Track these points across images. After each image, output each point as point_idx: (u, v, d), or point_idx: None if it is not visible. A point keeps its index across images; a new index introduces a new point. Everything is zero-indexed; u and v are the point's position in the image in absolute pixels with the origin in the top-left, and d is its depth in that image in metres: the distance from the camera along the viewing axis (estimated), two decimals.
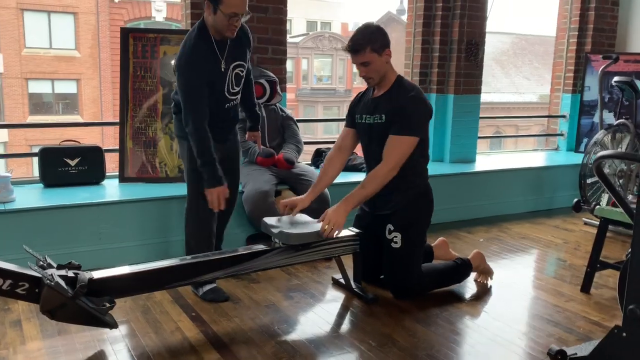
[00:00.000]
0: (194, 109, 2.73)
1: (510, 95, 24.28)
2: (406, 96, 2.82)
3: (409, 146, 2.82)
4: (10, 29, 18.71)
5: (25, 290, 2.27)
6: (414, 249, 2.97)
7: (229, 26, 2.70)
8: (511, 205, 4.95)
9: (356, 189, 2.87)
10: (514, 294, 3.19)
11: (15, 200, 3.29)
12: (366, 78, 2.88)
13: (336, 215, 2.78)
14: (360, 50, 2.78)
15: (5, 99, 19.02)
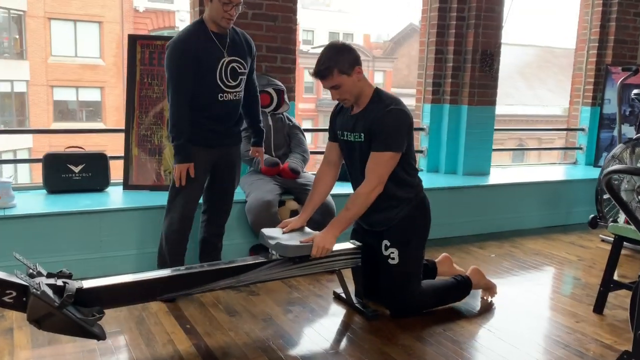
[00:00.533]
0: (176, 86, 2.83)
1: (533, 108, 23.96)
2: (384, 111, 2.69)
3: (391, 162, 2.70)
4: (37, 37, 19.07)
5: (13, 298, 2.22)
6: (412, 266, 2.86)
7: (223, 14, 2.79)
8: (525, 220, 4.80)
9: (341, 212, 2.77)
10: (523, 312, 3.06)
11: (16, 206, 3.27)
12: (340, 100, 2.78)
13: (324, 241, 2.69)
14: (327, 74, 2.65)
15: (31, 106, 19.35)
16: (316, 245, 2.68)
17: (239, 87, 2.98)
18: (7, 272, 2.25)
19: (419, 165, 5.17)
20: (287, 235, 2.81)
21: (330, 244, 2.71)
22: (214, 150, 2.99)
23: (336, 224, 2.74)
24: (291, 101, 4.11)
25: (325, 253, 2.70)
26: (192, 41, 2.84)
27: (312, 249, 2.68)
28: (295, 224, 2.88)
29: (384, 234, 2.86)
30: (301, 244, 2.70)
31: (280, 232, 2.84)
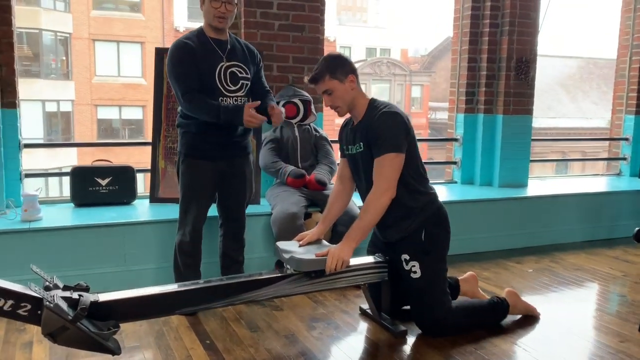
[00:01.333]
0: (184, 83, 2.79)
1: (577, 121, 23.32)
2: (376, 115, 2.63)
3: (395, 163, 2.58)
4: (82, 58, 19.69)
5: (27, 311, 2.18)
6: (437, 277, 2.71)
7: (215, 12, 2.79)
8: (566, 234, 4.58)
9: (355, 223, 2.65)
10: (561, 331, 2.87)
11: (42, 219, 3.28)
12: (333, 107, 2.71)
13: (340, 253, 2.56)
14: (319, 78, 2.64)
15: (76, 125, 19.93)
16: (331, 257, 2.55)
17: (241, 91, 2.92)
18: (24, 285, 2.23)
19: (453, 177, 5.02)
20: (303, 248, 2.70)
21: (347, 255, 2.58)
22: (219, 163, 2.93)
23: (352, 235, 2.62)
24: (318, 112, 4.04)
25: (341, 266, 2.58)
26: (190, 44, 2.82)
27: (327, 262, 2.56)
28: (312, 236, 2.78)
29: (402, 247, 2.72)
30: (316, 258, 2.58)
31: (297, 246, 2.73)
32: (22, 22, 17.20)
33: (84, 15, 19.49)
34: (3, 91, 3.48)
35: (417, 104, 26.95)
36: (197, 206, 2.95)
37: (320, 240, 2.80)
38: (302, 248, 2.70)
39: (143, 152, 15.26)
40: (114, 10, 20.21)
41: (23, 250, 3.09)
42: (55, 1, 19.13)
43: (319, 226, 2.83)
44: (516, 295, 2.99)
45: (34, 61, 18.85)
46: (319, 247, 2.72)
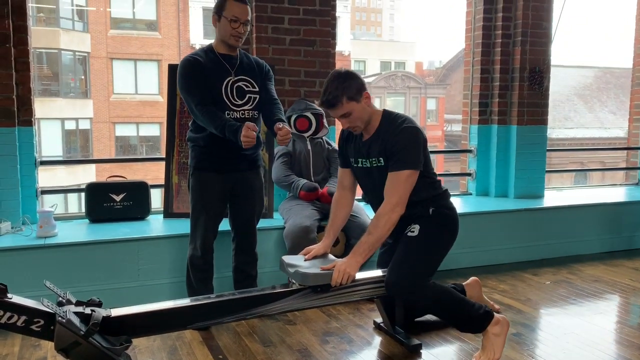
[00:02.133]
0: (194, 96, 2.81)
1: (595, 131, 23.09)
2: (397, 130, 2.56)
3: (409, 180, 2.54)
4: (100, 76, 20.01)
5: (40, 327, 2.20)
6: (430, 247, 2.61)
7: (232, 32, 2.82)
8: (584, 245, 4.51)
9: (363, 237, 2.58)
10: (579, 344, 2.81)
11: (57, 235, 3.31)
12: (352, 128, 2.64)
13: (346, 267, 2.49)
14: (336, 103, 2.53)
15: (95, 142, 20.20)
16: (337, 271, 2.49)
17: (248, 105, 2.94)
18: (36, 301, 2.24)
19: (468, 189, 4.98)
20: (309, 262, 2.63)
21: (353, 270, 2.51)
22: (228, 176, 2.93)
23: (360, 250, 2.53)
24: (331, 125, 4.04)
25: (347, 280, 2.50)
26: (199, 60, 2.86)
27: (333, 276, 2.49)
28: (318, 250, 2.71)
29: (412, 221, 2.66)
30: (321, 272, 2.52)
31: (302, 260, 2.67)
32: (42, 42, 17.61)
33: (102, 35, 19.84)
34: (19, 110, 3.53)
35: (432, 117, 26.91)
36: (207, 220, 2.96)
37: (327, 254, 2.74)
38: (307, 262, 2.65)
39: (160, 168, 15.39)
40: (131, 29, 20.55)
41: (38, 266, 3.11)
42: (74, 21, 19.52)
43: (324, 240, 2.77)
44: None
45: (54, 80, 19.20)
46: (324, 261, 2.66)
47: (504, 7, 4.63)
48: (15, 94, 3.48)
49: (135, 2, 20.42)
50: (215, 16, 2.87)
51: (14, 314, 2.15)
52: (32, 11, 17.79)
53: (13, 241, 3.19)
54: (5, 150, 3.45)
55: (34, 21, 17.74)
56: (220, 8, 2.84)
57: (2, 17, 3.38)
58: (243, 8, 2.84)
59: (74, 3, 19.24)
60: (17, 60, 3.50)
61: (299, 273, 2.52)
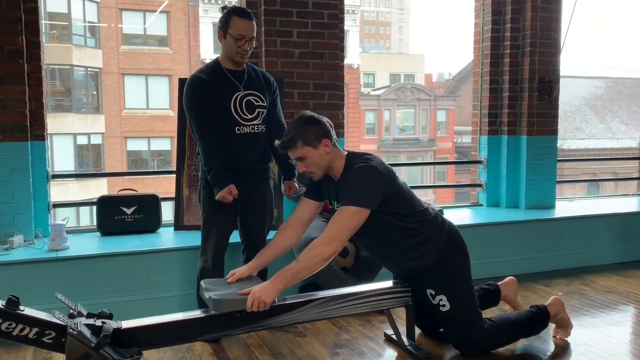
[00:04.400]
0: (198, 118, 2.85)
1: (606, 141, 22.94)
2: (352, 168, 2.54)
3: (354, 218, 2.46)
4: (112, 92, 20.20)
5: (52, 339, 2.22)
6: (466, 305, 2.67)
7: (237, 50, 2.84)
8: (596, 256, 4.47)
9: (291, 264, 2.48)
10: (592, 356, 2.78)
11: (69, 247, 3.33)
12: (308, 173, 2.62)
13: (262, 293, 2.37)
14: (291, 146, 2.54)
15: (106, 157, 20.34)
16: (252, 297, 2.36)
17: (257, 119, 2.96)
18: (48, 313, 2.26)
19: (478, 200, 4.96)
20: (229, 286, 2.51)
21: (269, 297, 2.37)
22: (239, 188, 2.93)
23: (282, 276, 2.42)
24: (340, 137, 4.05)
25: (262, 307, 2.37)
26: (206, 77, 2.87)
27: (247, 302, 2.36)
28: (243, 273, 2.60)
29: (425, 282, 2.68)
30: (234, 298, 2.38)
31: (224, 283, 2.56)
32: (55, 59, 17.82)
33: (114, 51, 20.05)
34: (32, 124, 3.58)
35: (442, 128, 26.87)
36: (218, 231, 2.97)
37: (252, 276, 2.63)
38: (228, 286, 2.52)
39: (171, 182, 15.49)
40: (143, 45, 20.76)
41: (50, 279, 3.13)
42: (86, 38, 19.74)
43: (252, 262, 2.67)
44: (560, 305, 2.92)
45: (66, 96, 19.40)
46: (248, 284, 2.51)
47: (512, 18, 4.64)
48: (28, 109, 3.53)
49: (146, 18, 20.65)
50: (221, 32, 2.88)
51: (26, 326, 2.18)
52: (45, 28, 18.08)
53: (25, 254, 3.22)
54: (18, 164, 3.49)
55: (46, 38, 18.00)
56: (225, 25, 2.85)
57: (16, 34, 3.44)
58: (248, 25, 2.84)
59: (86, 20, 19.48)
60: (30, 76, 3.55)
61: (212, 299, 2.38)
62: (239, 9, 2.89)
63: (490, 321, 2.74)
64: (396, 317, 2.88)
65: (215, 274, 3.00)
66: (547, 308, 2.87)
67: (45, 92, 3.69)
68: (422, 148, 25.74)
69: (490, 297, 3.01)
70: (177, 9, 20.88)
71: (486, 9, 4.76)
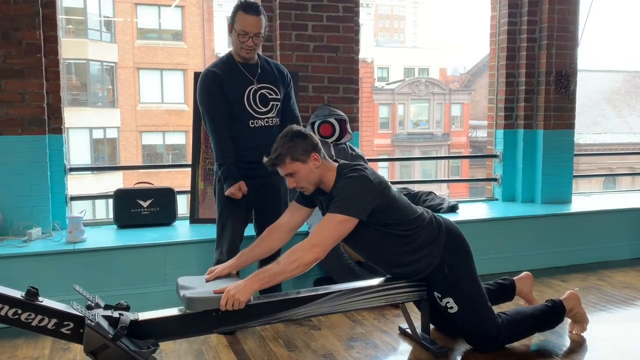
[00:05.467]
0: (211, 112, 2.87)
1: (624, 136, 22.66)
2: (342, 179, 2.51)
3: (340, 227, 2.43)
4: (127, 86, 20.32)
5: (70, 330, 2.25)
6: (475, 303, 2.65)
7: (241, 45, 2.86)
8: (613, 251, 4.42)
9: (270, 264, 2.44)
10: (612, 352, 2.76)
11: (86, 240, 3.36)
12: (298, 188, 2.58)
13: (236, 291, 2.33)
14: (279, 162, 2.50)
15: (122, 151, 20.50)
16: (226, 295, 2.32)
17: (271, 112, 2.97)
18: (66, 304, 2.29)
19: (494, 194, 4.93)
20: (207, 284, 2.48)
21: (244, 295, 2.33)
22: (253, 182, 2.95)
23: (259, 276, 2.39)
24: (354, 131, 4.04)
25: (236, 306, 2.33)
26: (219, 71, 2.88)
27: (222, 299, 2.33)
28: (222, 270, 2.58)
29: (430, 285, 2.69)
30: (208, 296, 2.35)
31: (202, 281, 2.53)
32: (71, 53, 17.95)
33: (129, 45, 20.17)
34: (50, 118, 3.61)
35: (457, 123, 26.70)
36: (234, 224, 2.98)
37: (231, 274, 2.60)
38: (203, 284, 2.49)
39: (186, 176, 15.59)
40: (157, 39, 20.85)
41: (68, 271, 3.17)
42: (101, 33, 19.87)
43: (232, 260, 2.65)
44: (576, 299, 2.90)
45: (82, 90, 19.56)
46: (224, 281, 2.49)
47: (529, 11, 4.60)
48: (45, 103, 3.56)
49: (161, 13, 20.74)
50: (229, 26, 2.90)
51: (44, 317, 2.21)
52: (61, 23, 18.22)
53: (44, 246, 3.26)
54: (36, 157, 3.53)
55: (63, 33, 18.13)
56: (232, 19, 2.87)
57: (34, 28, 3.47)
58: (253, 20, 2.82)
59: (101, 14, 19.60)
60: (48, 70, 3.59)
61: (185, 297, 2.36)
62: (246, 4, 2.86)
63: (505, 315, 2.73)
64: (411, 311, 2.87)
65: None
66: (563, 302, 2.85)
67: (62, 86, 3.72)
68: (436, 142, 25.60)
69: (506, 292, 3.00)
70: (192, 4, 20.94)
71: (502, 1, 4.72)
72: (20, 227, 3.42)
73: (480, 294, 2.69)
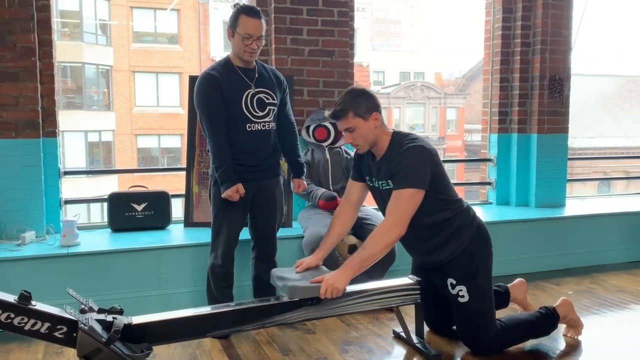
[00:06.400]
0: (209, 116, 2.87)
1: (618, 140, 22.75)
2: (401, 150, 2.56)
3: (412, 200, 2.51)
4: (122, 89, 20.30)
5: (63, 334, 2.24)
6: (485, 300, 2.67)
7: (245, 49, 2.85)
8: (607, 255, 4.44)
9: (357, 252, 2.59)
10: (605, 355, 2.77)
11: (80, 244, 3.36)
12: (353, 145, 2.66)
13: (334, 280, 2.47)
14: (342, 115, 2.57)
15: (117, 154, 20.45)
16: (325, 285, 2.46)
17: (268, 117, 2.97)
18: (59, 308, 2.28)
19: (488, 198, 4.95)
20: (300, 275, 2.62)
21: (341, 283, 2.48)
22: (249, 185, 2.95)
23: (351, 264, 2.52)
24: None
25: (335, 294, 2.47)
26: (218, 74, 2.89)
27: (321, 289, 2.47)
28: (310, 262, 2.70)
29: (447, 271, 2.69)
30: (309, 285, 2.50)
31: (294, 272, 2.66)
32: (66, 56, 17.92)
33: (125, 49, 20.15)
34: (44, 121, 3.61)
35: (452, 127, 26.77)
36: (229, 228, 2.98)
37: (319, 266, 2.72)
38: (299, 274, 2.63)
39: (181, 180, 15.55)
40: (153, 42, 20.84)
41: (61, 275, 3.16)
42: (97, 36, 19.85)
43: (317, 252, 2.76)
44: (569, 306, 2.91)
45: (77, 93, 19.52)
46: (316, 273, 2.63)
47: (523, 16, 4.62)
48: (40, 106, 3.56)
49: (157, 16, 20.73)
50: (230, 30, 2.89)
51: (37, 321, 2.20)
52: (56, 26, 18.17)
53: (37, 250, 3.25)
54: (30, 161, 3.52)
55: (58, 36, 18.08)
56: (234, 23, 2.86)
57: (28, 31, 3.47)
58: (256, 24, 2.84)
59: (97, 17, 19.59)
60: (43, 73, 3.58)
61: (287, 286, 2.50)
62: (247, 8, 2.89)
63: (500, 321, 2.74)
64: (405, 314, 2.88)
65: (225, 270, 3.02)
66: (557, 310, 2.86)
67: (57, 90, 3.72)
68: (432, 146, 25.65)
69: (500, 299, 3.00)
70: (188, 7, 20.94)
71: (497, 6, 4.74)
72: (13, 230, 3.41)
73: (490, 296, 2.71)
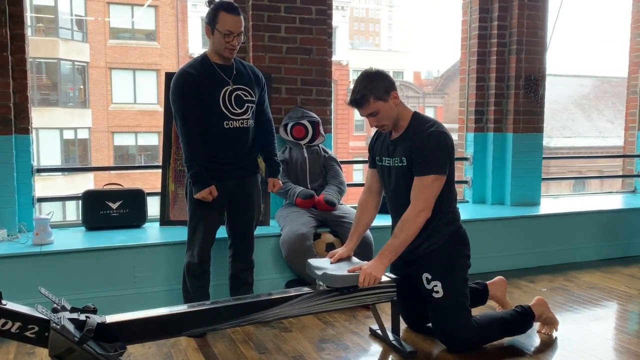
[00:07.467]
0: (183, 115, 2.84)
1: (593, 140, 23.12)
2: (424, 133, 2.62)
3: (435, 184, 2.61)
4: (99, 86, 20.02)
5: (35, 333, 2.20)
6: (459, 297, 2.70)
7: (225, 45, 2.82)
8: (580, 252, 4.51)
9: (389, 240, 2.68)
10: (579, 351, 2.81)
11: (53, 242, 3.30)
12: (379, 127, 2.72)
13: (372, 270, 2.60)
14: (363, 102, 2.61)
15: (93, 152, 20.18)
16: (363, 273, 2.59)
17: (246, 114, 2.95)
18: (31, 307, 2.24)
19: (464, 196, 4.99)
20: (335, 265, 2.75)
21: (379, 272, 2.61)
22: (227, 184, 2.94)
23: (385, 253, 2.64)
24: (327, 133, 4.05)
25: (373, 282, 2.60)
26: (194, 71, 2.85)
27: (359, 278, 2.59)
28: (343, 253, 2.82)
29: (424, 266, 2.72)
30: (349, 274, 2.63)
31: (328, 262, 2.78)
32: (41, 52, 17.63)
33: (101, 45, 19.87)
34: (16, 118, 3.54)
35: None
36: (206, 227, 2.96)
37: (350, 257, 2.86)
38: (334, 265, 2.75)
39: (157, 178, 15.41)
40: (130, 39, 20.59)
41: (34, 274, 3.11)
42: (73, 32, 19.55)
43: (348, 243, 2.89)
44: (544, 304, 2.96)
45: (52, 90, 19.22)
46: (349, 263, 2.77)
47: (499, 16, 4.66)
48: (12, 102, 3.49)
49: (134, 12, 20.49)
50: (209, 27, 2.85)
51: (8, 321, 2.16)
52: (31, 21, 17.86)
53: (9, 249, 3.19)
54: (1, 158, 3.46)
55: (33, 31, 17.78)
56: (213, 20, 2.82)
57: (0, 26, 3.40)
58: (236, 20, 2.82)
59: (73, 13, 19.29)
60: (15, 69, 3.52)
61: (327, 275, 2.62)
62: (226, 4, 2.86)
63: (475, 319, 2.76)
64: (381, 312, 2.89)
65: (202, 269, 3.00)
66: (532, 309, 2.89)
67: (29, 85, 3.65)
68: None
69: (478, 296, 3.03)
70: (166, 3, 20.73)
71: (473, 6, 4.78)
72: None
73: (466, 293, 2.75)
